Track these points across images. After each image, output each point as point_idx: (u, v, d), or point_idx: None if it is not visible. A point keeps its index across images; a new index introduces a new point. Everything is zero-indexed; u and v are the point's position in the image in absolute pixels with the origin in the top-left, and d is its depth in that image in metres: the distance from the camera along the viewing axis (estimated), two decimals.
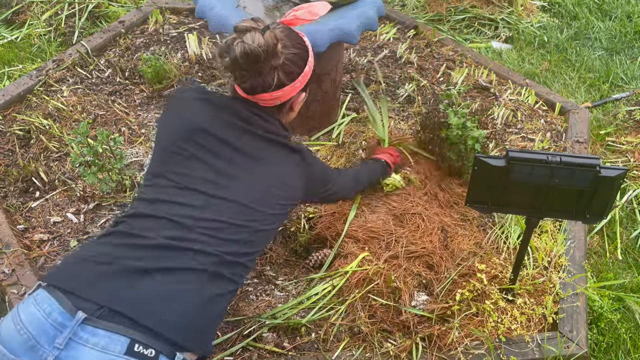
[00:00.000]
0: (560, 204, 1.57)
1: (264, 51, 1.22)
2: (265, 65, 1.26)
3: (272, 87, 1.30)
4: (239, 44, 1.21)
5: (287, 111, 1.45)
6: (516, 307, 1.87)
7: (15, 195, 2.26)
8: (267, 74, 1.28)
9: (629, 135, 2.80)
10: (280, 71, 1.29)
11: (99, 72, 2.93)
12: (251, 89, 1.31)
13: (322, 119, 2.51)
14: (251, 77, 1.28)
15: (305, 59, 1.36)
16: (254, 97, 1.35)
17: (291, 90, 1.35)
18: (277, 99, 1.35)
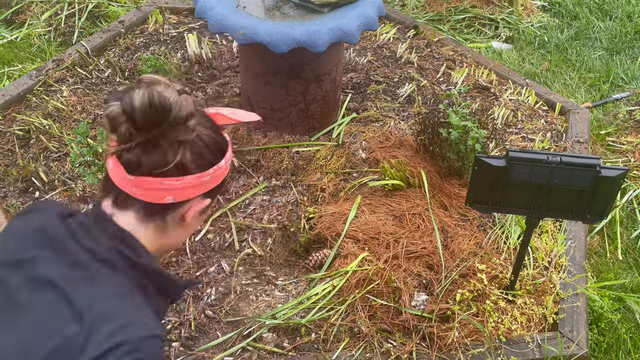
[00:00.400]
0: (560, 204, 1.56)
1: (175, 113, 0.85)
2: (166, 134, 0.86)
3: (168, 168, 0.86)
4: (143, 89, 0.83)
5: (175, 222, 0.95)
6: (516, 307, 1.87)
7: (15, 195, 2.26)
8: (166, 148, 0.86)
9: (629, 135, 2.80)
10: (187, 149, 0.88)
11: (98, 72, 2.93)
12: (134, 162, 0.86)
13: (322, 119, 2.51)
14: (142, 144, 0.86)
15: (223, 150, 0.95)
16: (132, 184, 0.88)
17: (194, 184, 0.90)
18: (170, 192, 0.89)
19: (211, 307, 1.85)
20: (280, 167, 2.35)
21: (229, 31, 2.00)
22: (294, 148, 2.43)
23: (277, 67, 2.24)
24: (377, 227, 2.04)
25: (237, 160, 2.36)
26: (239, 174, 2.33)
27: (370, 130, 2.57)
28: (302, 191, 2.26)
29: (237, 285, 1.93)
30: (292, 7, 2.23)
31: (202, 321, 1.80)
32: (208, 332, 1.79)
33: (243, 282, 1.94)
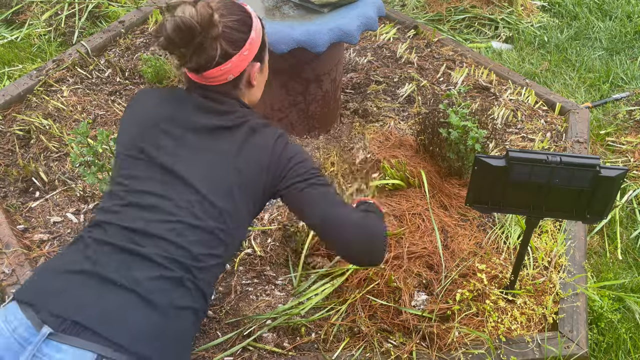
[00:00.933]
0: (560, 204, 1.56)
1: (199, 22, 1.12)
2: (204, 38, 1.15)
3: (216, 60, 1.18)
4: (169, 19, 1.11)
5: (246, 87, 1.30)
6: (516, 307, 1.87)
7: (15, 195, 2.26)
8: (208, 47, 1.16)
9: (629, 135, 2.80)
10: (222, 40, 1.18)
11: (99, 72, 2.93)
12: (197, 66, 1.19)
13: (322, 119, 2.51)
14: (193, 54, 1.16)
15: (248, 24, 1.24)
16: (204, 78, 1.23)
17: (240, 60, 1.22)
18: (228, 73, 1.22)
19: (211, 307, 1.85)
20: None
21: None
22: None
23: (277, 67, 2.24)
24: None
25: None
26: None
27: (371, 130, 2.57)
28: None
29: (237, 285, 1.93)
30: (292, 7, 2.23)
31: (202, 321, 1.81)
32: (208, 332, 1.79)
33: (243, 282, 1.94)
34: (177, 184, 1.18)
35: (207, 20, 1.13)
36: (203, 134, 1.22)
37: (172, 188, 1.18)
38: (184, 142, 1.22)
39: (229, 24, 1.20)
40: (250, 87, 1.31)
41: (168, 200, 1.17)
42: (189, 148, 1.21)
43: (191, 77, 1.25)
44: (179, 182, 1.18)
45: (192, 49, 1.15)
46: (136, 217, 1.15)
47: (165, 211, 1.16)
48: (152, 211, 1.16)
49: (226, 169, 1.21)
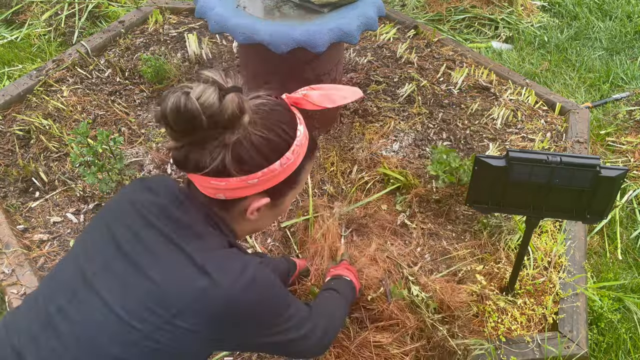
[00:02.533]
0: (560, 204, 1.56)
1: (211, 116, 0.84)
2: (209, 137, 0.88)
3: (207, 170, 0.89)
4: (177, 93, 0.84)
5: (237, 215, 1.00)
6: (516, 308, 1.87)
7: (15, 195, 2.26)
8: (208, 149, 0.89)
9: (629, 135, 2.80)
10: (229, 153, 0.89)
11: (99, 72, 2.93)
12: (181, 160, 0.91)
13: (322, 119, 2.51)
14: (188, 145, 0.89)
15: (279, 151, 0.93)
16: (190, 175, 0.96)
17: (240, 186, 0.92)
18: (218, 192, 0.94)
19: None
20: None
21: (229, 31, 2.00)
22: None
23: (277, 67, 2.24)
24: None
25: None
26: None
27: (371, 130, 2.57)
28: (301, 192, 2.26)
29: None
30: (292, 7, 2.23)
31: None
32: None
33: None
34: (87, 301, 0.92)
35: (226, 120, 0.86)
36: (156, 239, 0.95)
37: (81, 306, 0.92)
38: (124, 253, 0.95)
39: (254, 139, 0.90)
40: (240, 218, 1.01)
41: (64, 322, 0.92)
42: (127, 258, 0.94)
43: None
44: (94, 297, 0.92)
45: (189, 141, 0.88)
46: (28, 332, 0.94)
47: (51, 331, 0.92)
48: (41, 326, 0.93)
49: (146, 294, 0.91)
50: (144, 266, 0.92)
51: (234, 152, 0.89)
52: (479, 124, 2.71)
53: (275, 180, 0.95)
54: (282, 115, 0.95)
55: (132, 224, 0.97)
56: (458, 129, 2.67)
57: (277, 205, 1.03)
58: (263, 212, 1.01)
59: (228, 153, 0.89)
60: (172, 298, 0.89)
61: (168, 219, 0.96)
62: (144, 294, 0.89)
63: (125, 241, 0.95)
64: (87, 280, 0.93)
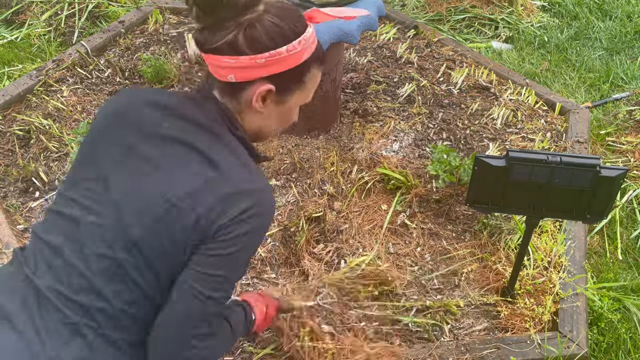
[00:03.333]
0: (560, 204, 1.56)
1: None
2: (228, 17, 0.96)
3: (222, 46, 0.97)
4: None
5: (247, 105, 1.05)
6: (516, 307, 1.87)
7: (15, 195, 2.26)
8: (225, 28, 0.96)
9: (629, 135, 2.80)
10: (242, 31, 0.96)
11: (98, 72, 2.93)
12: (201, 40, 0.99)
13: (322, 119, 2.51)
14: (207, 24, 0.97)
15: (287, 38, 1.00)
16: (205, 56, 1.02)
17: (250, 65, 0.98)
18: (229, 70, 0.99)
19: None
20: (281, 166, 2.35)
21: None
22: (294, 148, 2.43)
23: None
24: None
25: None
26: None
27: (371, 130, 2.57)
28: (301, 192, 2.26)
29: (237, 285, 1.93)
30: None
31: None
32: None
33: (243, 282, 1.94)
34: (100, 210, 0.98)
35: (244, 2, 0.95)
36: (159, 148, 0.99)
37: (93, 214, 0.98)
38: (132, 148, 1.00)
39: (266, 22, 0.98)
40: (251, 109, 1.05)
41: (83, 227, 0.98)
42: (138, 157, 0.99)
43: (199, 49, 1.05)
44: (102, 209, 0.98)
45: (210, 20, 0.97)
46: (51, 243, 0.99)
47: (71, 243, 0.98)
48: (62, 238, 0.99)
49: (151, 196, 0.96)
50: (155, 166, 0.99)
51: (247, 32, 0.96)
52: (479, 124, 2.71)
53: (281, 65, 1.00)
54: (295, 13, 1.04)
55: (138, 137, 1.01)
56: (458, 129, 2.67)
57: (281, 103, 1.07)
58: (268, 105, 1.05)
59: (241, 31, 0.96)
60: (181, 185, 0.95)
61: (181, 119, 1.02)
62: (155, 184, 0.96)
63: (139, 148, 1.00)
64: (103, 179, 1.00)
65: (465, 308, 1.88)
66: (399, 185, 2.27)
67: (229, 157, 1.00)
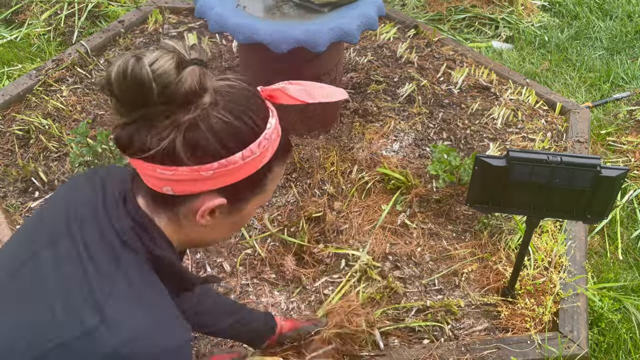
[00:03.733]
0: (560, 204, 1.56)
1: (165, 87, 0.70)
2: (159, 113, 0.73)
3: (153, 152, 0.74)
4: (126, 57, 0.71)
5: (184, 219, 0.82)
6: (516, 308, 1.87)
7: (15, 195, 2.26)
8: (159, 129, 0.73)
9: (629, 135, 2.80)
10: (181, 134, 0.73)
11: (98, 72, 2.92)
12: (125, 141, 0.75)
13: (322, 118, 2.51)
14: (134, 122, 0.74)
15: (244, 141, 0.77)
16: (132, 160, 0.78)
17: (191, 177, 0.76)
18: (164, 182, 0.77)
19: None
20: None
21: (229, 31, 1.99)
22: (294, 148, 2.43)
23: (277, 67, 2.23)
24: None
25: None
26: None
27: (371, 130, 2.57)
28: (301, 192, 2.26)
29: (237, 285, 1.92)
30: (292, 6, 2.22)
31: None
32: None
33: (243, 282, 1.94)
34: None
35: (181, 94, 0.72)
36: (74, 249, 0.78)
37: None
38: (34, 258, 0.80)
39: (213, 122, 0.75)
40: (192, 222, 0.83)
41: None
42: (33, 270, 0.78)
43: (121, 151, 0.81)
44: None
45: (134, 116, 0.73)
46: None
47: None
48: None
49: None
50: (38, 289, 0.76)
51: (188, 135, 0.73)
52: (479, 124, 2.71)
53: (234, 176, 0.78)
54: (251, 102, 0.79)
55: (53, 233, 0.82)
56: (458, 128, 2.67)
57: (235, 212, 0.84)
58: (218, 218, 0.83)
59: (180, 134, 0.73)
60: (52, 330, 0.72)
61: (94, 223, 0.80)
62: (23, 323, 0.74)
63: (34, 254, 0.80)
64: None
65: (465, 308, 1.88)
66: (399, 185, 2.26)
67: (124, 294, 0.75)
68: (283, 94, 0.85)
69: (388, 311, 1.85)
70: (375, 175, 2.32)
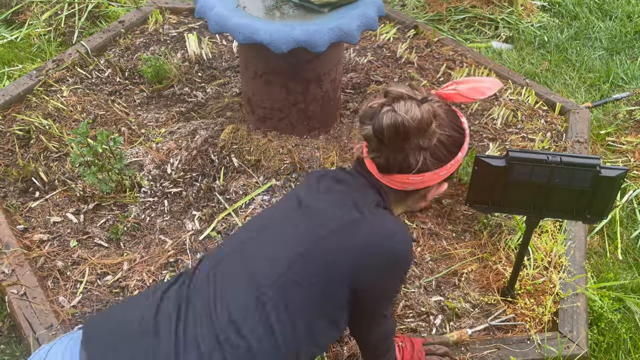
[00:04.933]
0: (560, 204, 1.56)
1: (417, 128, 1.01)
2: (411, 144, 1.04)
3: (412, 170, 1.07)
4: (389, 113, 1.00)
5: (416, 199, 1.20)
6: (516, 307, 1.87)
7: (15, 195, 2.26)
8: (410, 154, 1.05)
9: (629, 135, 2.80)
10: (427, 154, 1.06)
11: (98, 72, 2.93)
12: (386, 166, 1.09)
13: (322, 119, 2.51)
14: (391, 153, 1.06)
15: (460, 144, 1.11)
16: (384, 177, 1.13)
17: (432, 177, 1.10)
18: (412, 185, 1.12)
19: None
20: (281, 167, 2.35)
21: (229, 31, 2.00)
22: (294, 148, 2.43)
23: (277, 67, 2.24)
24: None
25: (237, 160, 2.36)
26: (239, 174, 2.33)
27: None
28: None
29: None
30: (292, 7, 2.23)
31: None
32: None
33: None
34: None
35: (424, 128, 1.02)
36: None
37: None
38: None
39: (443, 139, 1.07)
40: (420, 200, 1.21)
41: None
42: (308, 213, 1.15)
43: (369, 165, 1.14)
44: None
45: (393, 148, 1.05)
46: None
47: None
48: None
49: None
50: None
51: (432, 153, 1.07)
52: (479, 124, 2.71)
53: (453, 168, 1.12)
54: (453, 114, 1.12)
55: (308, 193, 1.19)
56: None
57: (440, 187, 1.19)
58: (434, 194, 1.19)
59: (427, 154, 1.06)
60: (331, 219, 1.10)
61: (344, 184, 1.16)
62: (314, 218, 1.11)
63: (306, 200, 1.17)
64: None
65: (465, 308, 1.88)
66: None
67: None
68: (458, 95, 1.12)
69: None
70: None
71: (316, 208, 1.13)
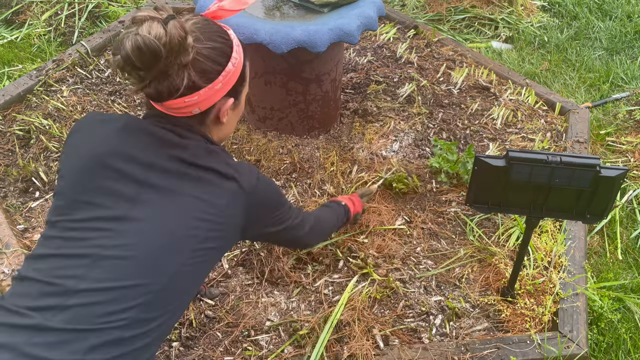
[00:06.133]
0: (560, 204, 1.56)
1: (165, 45, 0.96)
2: (169, 65, 0.99)
3: (180, 91, 1.03)
4: (130, 36, 0.95)
5: (213, 123, 1.16)
6: (516, 307, 1.87)
7: (15, 195, 2.26)
8: (174, 74, 1.01)
9: (629, 135, 2.80)
10: (191, 70, 1.02)
11: (98, 72, 2.93)
12: (157, 94, 1.03)
13: (322, 118, 2.51)
14: (153, 80, 1.01)
15: (227, 54, 1.08)
16: (163, 106, 1.08)
17: (210, 93, 1.07)
18: (194, 106, 1.07)
19: (211, 307, 1.85)
20: (281, 166, 2.35)
21: None
22: (294, 148, 2.43)
23: (277, 67, 2.24)
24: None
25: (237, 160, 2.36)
26: None
27: (371, 130, 2.57)
28: (301, 192, 2.26)
29: (237, 285, 1.93)
30: (292, 7, 2.23)
31: (202, 321, 1.80)
32: (208, 332, 1.79)
33: (244, 283, 1.94)
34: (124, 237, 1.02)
35: (176, 44, 0.98)
36: (164, 173, 1.06)
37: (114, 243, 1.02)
38: (140, 184, 1.05)
39: (204, 52, 1.04)
40: (218, 124, 1.17)
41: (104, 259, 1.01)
42: (147, 192, 1.04)
43: (152, 102, 1.10)
44: (127, 234, 1.02)
45: (153, 74, 1.00)
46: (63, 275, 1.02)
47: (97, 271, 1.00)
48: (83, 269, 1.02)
49: (182, 222, 1.05)
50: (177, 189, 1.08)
51: (195, 67, 1.03)
52: (479, 124, 2.71)
53: (233, 79, 1.10)
54: (214, 26, 1.10)
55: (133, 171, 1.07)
56: (458, 128, 2.67)
57: (237, 105, 1.19)
58: (230, 114, 1.18)
59: (190, 70, 1.03)
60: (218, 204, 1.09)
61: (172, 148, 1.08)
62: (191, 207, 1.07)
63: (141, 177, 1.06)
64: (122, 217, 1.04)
65: (465, 308, 1.88)
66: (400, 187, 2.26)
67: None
68: (222, 10, 1.15)
69: (388, 311, 1.85)
70: (375, 176, 2.32)
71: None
